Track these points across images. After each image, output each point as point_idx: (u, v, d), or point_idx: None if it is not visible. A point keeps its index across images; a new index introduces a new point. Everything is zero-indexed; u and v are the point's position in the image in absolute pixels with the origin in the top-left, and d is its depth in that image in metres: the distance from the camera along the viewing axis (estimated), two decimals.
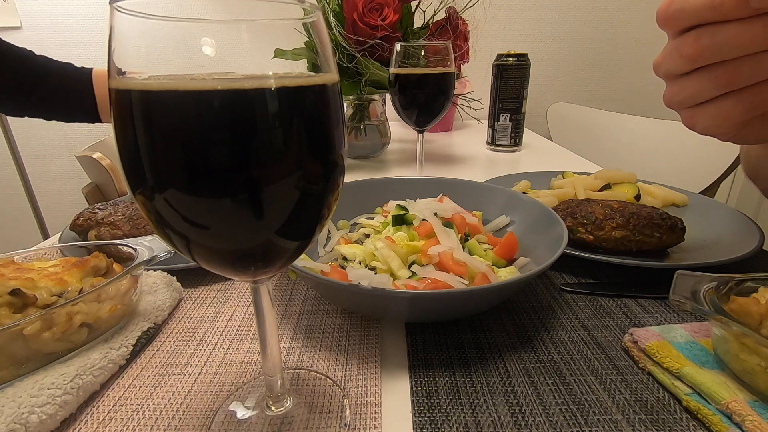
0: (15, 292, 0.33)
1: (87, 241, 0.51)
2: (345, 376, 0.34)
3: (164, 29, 0.19)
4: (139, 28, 0.19)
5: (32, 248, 0.44)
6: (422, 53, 0.69)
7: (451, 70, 0.70)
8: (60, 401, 0.29)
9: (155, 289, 0.43)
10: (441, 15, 0.92)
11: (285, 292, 0.46)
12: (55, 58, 0.88)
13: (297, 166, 0.21)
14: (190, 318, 0.42)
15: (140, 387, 0.33)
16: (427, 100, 0.72)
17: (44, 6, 1.56)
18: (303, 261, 0.44)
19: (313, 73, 0.22)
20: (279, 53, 0.21)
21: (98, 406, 0.31)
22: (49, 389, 0.29)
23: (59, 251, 0.44)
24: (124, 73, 0.20)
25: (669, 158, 1.24)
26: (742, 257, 0.45)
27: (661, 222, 0.48)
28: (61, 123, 0.92)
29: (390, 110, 0.87)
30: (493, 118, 1.10)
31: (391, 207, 0.52)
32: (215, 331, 0.39)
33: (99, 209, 0.53)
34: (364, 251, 0.46)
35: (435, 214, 0.48)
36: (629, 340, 0.35)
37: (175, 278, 0.45)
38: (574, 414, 0.30)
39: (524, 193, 0.60)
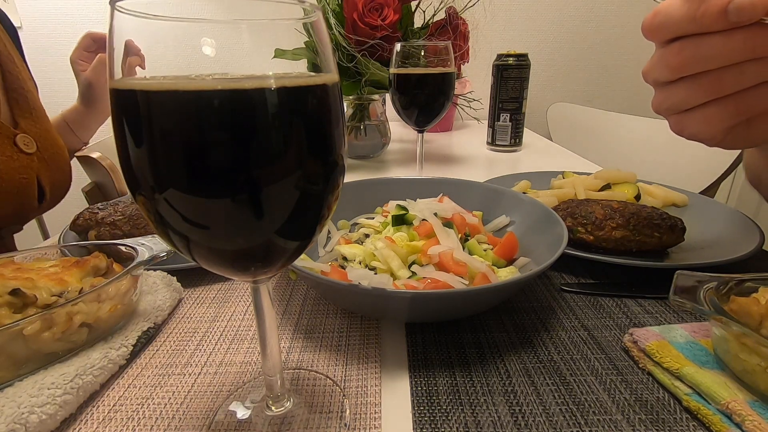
0: (15, 292, 0.33)
1: (87, 241, 0.51)
2: (345, 376, 0.34)
3: (164, 29, 0.19)
4: (139, 28, 0.19)
5: (32, 248, 0.44)
6: (422, 53, 0.69)
7: (451, 70, 0.70)
8: (60, 401, 0.29)
9: (155, 289, 0.43)
10: (441, 15, 0.92)
11: (285, 292, 0.46)
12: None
13: (297, 166, 0.21)
14: (190, 318, 0.42)
15: (140, 387, 0.33)
16: (427, 100, 0.72)
17: (44, 6, 1.56)
18: (303, 261, 0.44)
19: (313, 73, 0.22)
20: (279, 53, 0.21)
21: (98, 406, 0.31)
22: (49, 389, 0.29)
23: (59, 251, 0.44)
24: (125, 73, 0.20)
25: (669, 158, 1.23)
26: (742, 257, 0.45)
27: (661, 222, 0.48)
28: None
29: (390, 110, 0.87)
30: (493, 118, 1.10)
31: (391, 207, 0.52)
32: (215, 331, 0.39)
33: (99, 209, 0.53)
34: (364, 251, 0.46)
35: (435, 214, 0.48)
36: (629, 340, 0.35)
37: (175, 278, 0.45)
38: (574, 414, 0.30)
39: (524, 193, 0.60)
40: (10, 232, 0.73)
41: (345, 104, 0.97)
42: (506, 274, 0.44)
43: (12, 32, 0.77)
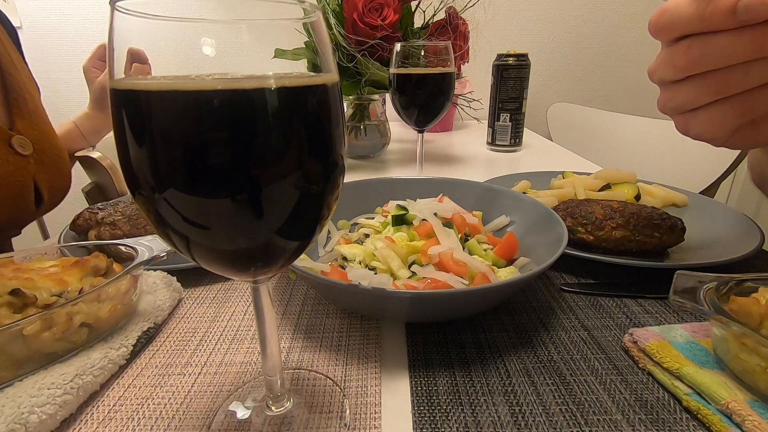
0: (15, 292, 0.33)
1: (87, 241, 0.51)
2: (345, 376, 0.34)
3: (164, 29, 0.19)
4: (139, 28, 0.19)
5: (32, 248, 0.44)
6: (422, 53, 0.69)
7: (451, 70, 0.70)
8: (60, 401, 0.29)
9: (155, 289, 0.43)
10: (441, 15, 0.92)
11: (285, 292, 0.46)
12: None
13: (297, 166, 0.21)
14: (190, 318, 0.42)
15: (140, 387, 0.33)
16: (427, 100, 0.72)
17: (44, 6, 1.56)
18: (303, 261, 0.44)
19: (313, 73, 0.22)
20: (279, 53, 0.21)
21: (98, 406, 0.31)
22: (49, 389, 0.29)
23: (59, 251, 0.44)
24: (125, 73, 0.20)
25: (669, 158, 1.23)
26: (742, 257, 0.45)
27: (661, 222, 0.48)
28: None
29: (390, 110, 0.87)
30: (493, 118, 1.10)
31: (391, 207, 0.52)
32: (215, 331, 0.39)
33: (99, 209, 0.53)
34: (364, 251, 0.46)
35: (435, 214, 0.48)
36: (629, 340, 0.35)
37: (175, 278, 0.45)
38: (574, 414, 0.30)
39: (524, 193, 0.60)
40: (8, 237, 0.73)
41: (345, 104, 0.97)
42: (506, 274, 0.43)
43: (12, 33, 0.77)
